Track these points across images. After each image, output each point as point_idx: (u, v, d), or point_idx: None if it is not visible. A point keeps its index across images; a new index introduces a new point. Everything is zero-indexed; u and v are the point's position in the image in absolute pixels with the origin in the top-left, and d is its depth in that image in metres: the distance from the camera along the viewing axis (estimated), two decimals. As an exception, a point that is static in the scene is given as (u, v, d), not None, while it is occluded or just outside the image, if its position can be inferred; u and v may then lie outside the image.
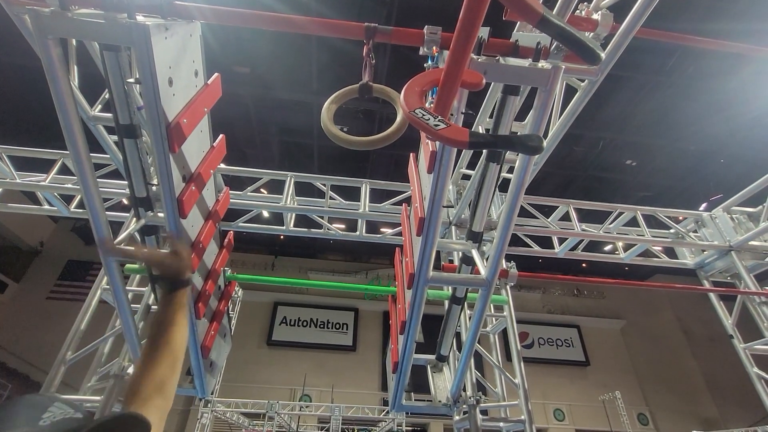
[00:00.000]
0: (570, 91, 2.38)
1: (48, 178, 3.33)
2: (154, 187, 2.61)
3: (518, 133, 1.57)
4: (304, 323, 20.49)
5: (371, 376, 19.68)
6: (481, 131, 2.94)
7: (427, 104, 1.49)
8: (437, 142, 1.74)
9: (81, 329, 2.71)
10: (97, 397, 2.65)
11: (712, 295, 3.44)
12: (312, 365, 18.31)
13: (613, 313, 23.21)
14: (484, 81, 1.45)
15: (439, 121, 1.31)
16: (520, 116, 2.30)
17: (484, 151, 2.52)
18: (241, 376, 16.70)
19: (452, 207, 3.01)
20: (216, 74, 2.07)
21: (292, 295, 20.89)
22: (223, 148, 2.28)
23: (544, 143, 1.38)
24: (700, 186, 11.77)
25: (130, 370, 2.57)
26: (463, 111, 1.70)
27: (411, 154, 2.33)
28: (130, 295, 2.52)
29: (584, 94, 2.15)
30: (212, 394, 10.26)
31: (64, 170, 3.66)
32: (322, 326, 20.56)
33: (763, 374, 3.10)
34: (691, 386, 21.04)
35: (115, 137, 2.82)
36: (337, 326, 20.74)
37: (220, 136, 2.27)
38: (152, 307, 3.02)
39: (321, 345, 20.08)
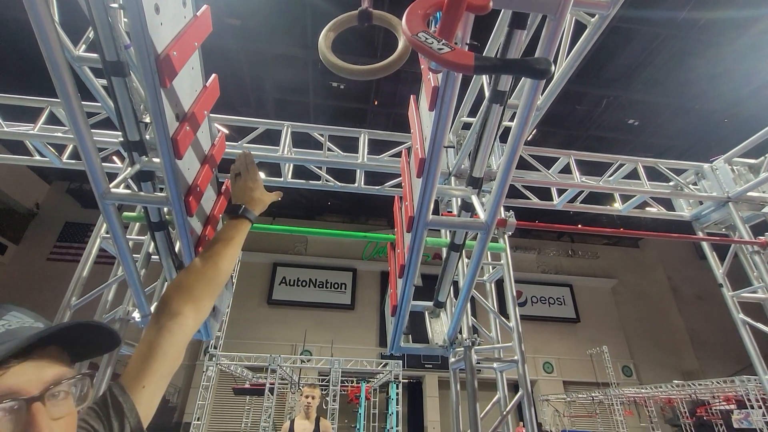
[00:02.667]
0: (578, 33, 2.28)
1: (36, 126, 3.23)
2: (147, 134, 2.54)
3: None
4: (303, 283, 20.98)
5: (369, 333, 20.45)
6: (485, 80, 2.84)
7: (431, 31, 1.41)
8: (439, 77, 1.68)
9: (84, 276, 2.74)
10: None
11: (705, 245, 3.49)
12: (312, 323, 18.96)
13: (606, 272, 23.86)
14: (491, 4, 1.37)
15: (443, 44, 1.25)
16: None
17: (487, 93, 2.45)
18: (243, 333, 17.32)
19: (453, 147, 2.97)
20: (205, 6, 1.95)
21: (291, 256, 21.24)
22: (217, 89, 2.19)
23: (553, 67, 1.32)
24: (701, 146, 11.67)
25: (135, 314, 2.63)
26: (468, 42, 1.62)
27: (411, 96, 2.26)
28: (130, 244, 2.53)
29: (594, 30, 2.05)
30: (216, 348, 10.65)
31: (52, 121, 3.55)
32: (321, 286, 21.07)
33: (748, 319, 3.22)
34: (675, 341, 22.10)
35: (103, 80, 2.72)
36: (336, 286, 21.26)
37: (213, 75, 2.18)
38: (152, 256, 3.04)
39: (320, 304, 20.69)
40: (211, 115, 2.70)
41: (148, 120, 2.35)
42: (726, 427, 14.72)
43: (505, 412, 2.69)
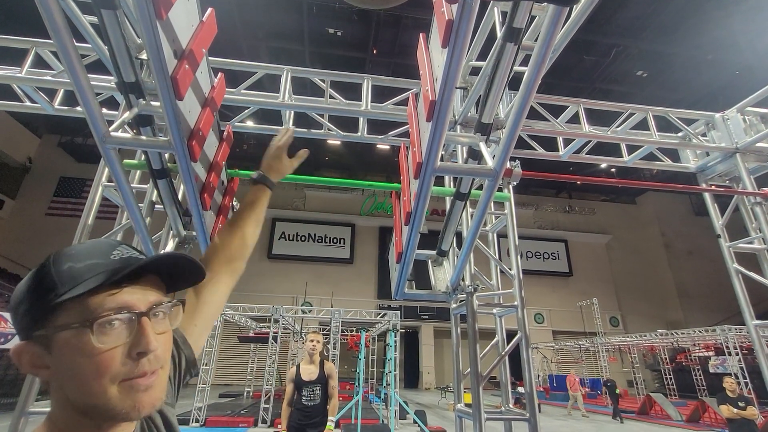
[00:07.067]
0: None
1: (23, 69, 3.06)
2: (144, 74, 2.42)
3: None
4: (303, 238, 21.26)
5: (367, 285, 21.09)
6: (498, 18, 2.67)
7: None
8: (454, 9, 1.57)
9: (89, 224, 2.73)
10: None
11: (707, 197, 3.51)
12: (312, 276, 19.46)
13: (601, 228, 24.28)
14: None
15: (464, -34, 1.15)
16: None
17: (499, 32, 2.32)
18: (246, 287, 17.80)
19: (466, 88, 2.87)
20: (198, -73, 1.78)
21: (290, 211, 21.31)
22: (214, 25, 2.06)
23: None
24: (709, 100, 11.38)
25: (143, 261, 2.66)
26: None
27: (420, 35, 2.13)
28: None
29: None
30: (220, 299, 10.97)
31: (38, 64, 3.37)
32: (320, 241, 21.39)
33: (741, 268, 3.32)
34: (662, 294, 22.99)
35: (90, 17, 2.55)
36: (335, 241, 21.58)
37: (209, 9, 2.04)
38: (156, 205, 3.03)
39: (320, 258, 21.11)
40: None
41: (144, 57, 2.23)
42: (702, 371, 15.77)
43: (503, 353, 2.83)
